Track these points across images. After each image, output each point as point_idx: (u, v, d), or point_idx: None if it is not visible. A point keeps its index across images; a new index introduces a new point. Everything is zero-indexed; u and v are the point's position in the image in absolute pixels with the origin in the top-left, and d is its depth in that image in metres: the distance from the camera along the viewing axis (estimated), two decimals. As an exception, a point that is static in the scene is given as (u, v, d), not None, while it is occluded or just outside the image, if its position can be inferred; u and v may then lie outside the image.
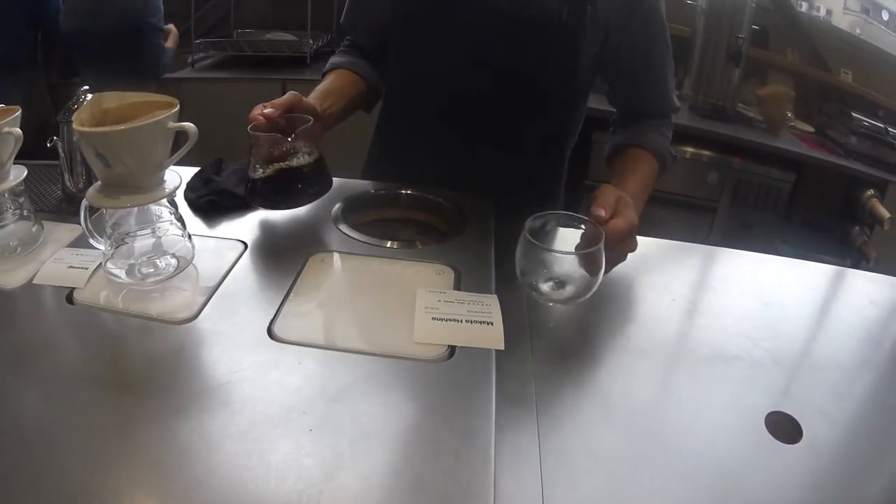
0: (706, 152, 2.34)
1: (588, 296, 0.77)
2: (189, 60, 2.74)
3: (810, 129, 2.36)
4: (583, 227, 0.78)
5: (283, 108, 0.88)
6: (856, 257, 2.01)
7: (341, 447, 0.55)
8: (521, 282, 0.79)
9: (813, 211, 2.31)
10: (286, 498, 0.51)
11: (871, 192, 2.09)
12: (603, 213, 0.77)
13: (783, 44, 2.37)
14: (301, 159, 0.89)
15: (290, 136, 0.87)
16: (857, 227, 2.09)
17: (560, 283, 0.78)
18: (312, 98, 1.00)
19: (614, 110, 1.17)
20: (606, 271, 0.76)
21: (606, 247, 0.74)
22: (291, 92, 0.91)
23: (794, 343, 0.80)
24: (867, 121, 2.17)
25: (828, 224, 2.23)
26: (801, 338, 0.81)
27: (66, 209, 0.98)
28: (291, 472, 0.53)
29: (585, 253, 0.74)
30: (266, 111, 0.86)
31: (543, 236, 0.78)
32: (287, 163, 0.88)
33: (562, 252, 0.75)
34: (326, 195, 0.94)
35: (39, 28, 2.15)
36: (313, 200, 0.93)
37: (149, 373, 0.64)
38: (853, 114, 2.21)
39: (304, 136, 0.88)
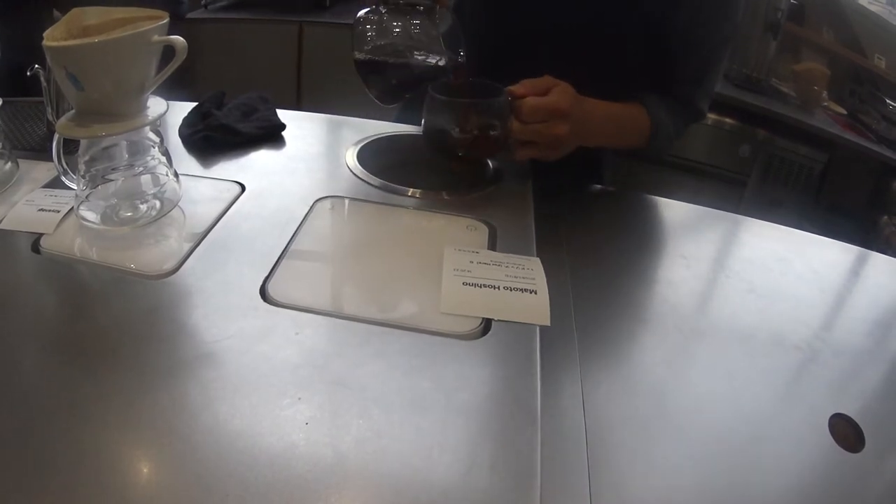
0: (734, 121, 2.36)
1: (495, 153, 0.86)
2: (203, 2, 2.67)
3: (842, 111, 2.36)
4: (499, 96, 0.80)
5: None
6: (882, 247, 1.97)
7: (344, 448, 0.45)
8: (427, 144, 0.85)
9: (842, 196, 2.32)
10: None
11: (902, 181, 2.12)
12: (519, 89, 0.78)
13: (819, 22, 2.36)
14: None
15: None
16: (886, 217, 2.09)
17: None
18: None
19: None
20: (525, 155, 0.81)
21: (522, 119, 0.78)
22: None
23: (854, 336, 0.72)
24: (901, 108, 2.19)
25: (855, 210, 2.24)
26: (862, 330, 0.73)
27: (49, 147, 0.90)
28: (278, 480, 0.42)
29: (478, 103, 0.78)
30: None
31: None
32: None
33: (461, 101, 0.79)
34: (339, 134, 0.84)
35: None
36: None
37: (114, 339, 0.54)
38: (887, 100, 2.20)
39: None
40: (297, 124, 0.94)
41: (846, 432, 0.58)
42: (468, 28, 0.94)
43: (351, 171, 0.84)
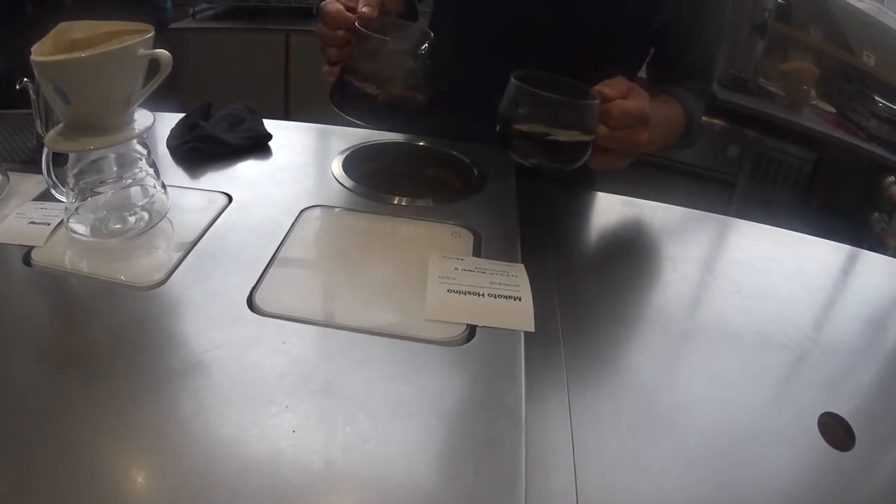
0: (722, 122, 2.35)
1: (577, 164, 0.72)
2: (191, 11, 2.67)
3: (832, 109, 2.35)
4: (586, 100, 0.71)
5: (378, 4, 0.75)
6: (873, 244, 1.99)
7: (331, 455, 0.45)
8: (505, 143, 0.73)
9: (832, 194, 2.32)
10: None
11: (892, 178, 2.08)
12: (609, 90, 0.70)
13: (806, 20, 2.35)
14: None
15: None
16: (877, 214, 2.07)
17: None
18: None
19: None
20: (603, 162, 0.73)
21: (609, 124, 0.70)
22: None
23: (845, 335, 0.73)
24: (889, 105, 2.16)
25: (846, 208, 2.23)
26: (852, 329, 0.74)
27: (39, 160, 0.90)
28: (265, 486, 0.42)
29: (578, 104, 0.68)
30: (363, 9, 0.73)
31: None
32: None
33: (553, 96, 0.67)
34: (326, 143, 0.83)
35: None
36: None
37: (105, 349, 0.55)
38: (876, 97, 2.19)
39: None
40: (284, 134, 0.94)
41: (836, 431, 0.58)
42: (452, 19, 0.94)
43: (337, 180, 0.84)
